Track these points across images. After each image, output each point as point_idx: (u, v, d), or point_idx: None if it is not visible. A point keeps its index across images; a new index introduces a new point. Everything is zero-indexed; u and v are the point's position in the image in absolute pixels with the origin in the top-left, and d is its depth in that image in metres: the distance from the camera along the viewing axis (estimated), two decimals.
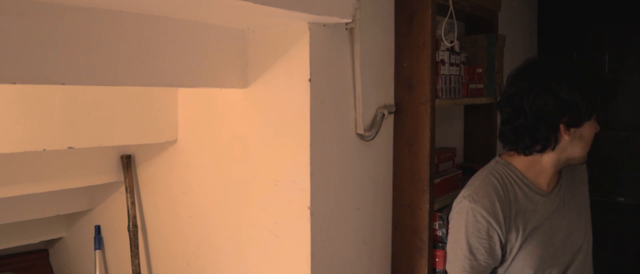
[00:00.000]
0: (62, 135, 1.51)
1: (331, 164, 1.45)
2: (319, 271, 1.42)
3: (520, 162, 1.38)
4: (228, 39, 1.46)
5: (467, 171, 2.07)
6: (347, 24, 1.45)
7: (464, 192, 1.36)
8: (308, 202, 1.37)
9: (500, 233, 1.30)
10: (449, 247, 1.38)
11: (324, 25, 1.39)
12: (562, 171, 1.43)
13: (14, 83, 1.08)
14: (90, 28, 1.15)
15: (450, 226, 1.40)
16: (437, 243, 1.72)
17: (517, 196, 1.34)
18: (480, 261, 1.31)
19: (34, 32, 1.06)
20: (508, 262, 1.34)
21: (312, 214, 1.38)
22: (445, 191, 1.80)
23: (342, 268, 1.52)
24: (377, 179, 1.66)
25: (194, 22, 1.36)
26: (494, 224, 1.30)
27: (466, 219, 1.32)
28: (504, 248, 1.32)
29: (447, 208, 1.78)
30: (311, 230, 1.38)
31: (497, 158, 1.43)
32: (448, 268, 1.38)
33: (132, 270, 1.87)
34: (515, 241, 1.31)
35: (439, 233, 1.72)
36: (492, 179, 1.35)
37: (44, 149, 1.48)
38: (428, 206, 1.64)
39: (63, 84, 1.15)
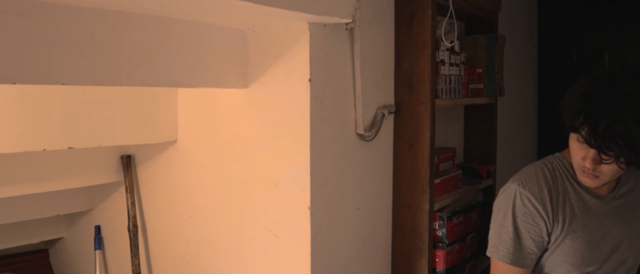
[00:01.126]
0: (62, 135, 1.51)
1: (331, 164, 1.45)
2: (319, 271, 1.42)
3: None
4: (228, 39, 1.46)
5: (467, 171, 2.07)
6: (347, 24, 1.45)
7: (512, 178, 1.36)
8: (308, 202, 1.37)
9: (547, 221, 1.29)
10: (492, 232, 1.36)
11: (324, 25, 1.39)
12: (622, 181, 1.39)
13: (14, 83, 1.08)
14: (90, 28, 1.15)
15: (495, 210, 1.38)
16: (437, 243, 1.72)
17: (567, 189, 1.33)
18: (526, 247, 1.30)
19: (34, 32, 1.06)
20: (549, 251, 1.33)
21: (312, 214, 1.38)
22: (445, 191, 1.80)
23: (342, 268, 1.52)
24: (377, 179, 1.66)
25: (194, 22, 1.36)
26: (541, 211, 1.29)
27: (514, 203, 1.31)
28: (549, 236, 1.32)
29: (447, 207, 1.78)
30: (311, 230, 1.38)
31: (556, 153, 1.42)
32: (490, 253, 1.36)
33: (132, 270, 1.87)
34: (560, 232, 1.30)
35: (439, 233, 1.72)
36: (543, 167, 1.36)
37: (44, 149, 1.48)
38: (428, 206, 1.63)
39: (63, 84, 1.15)
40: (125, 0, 1.12)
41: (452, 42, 1.77)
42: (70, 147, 1.53)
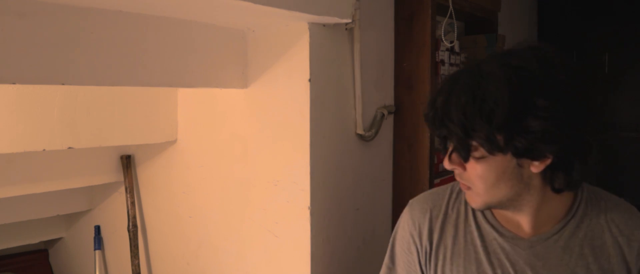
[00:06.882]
0: (62, 135, 1.51)
1: (331, 164, 1.45)
2: (318, 271, 1.42)
3: None
4: (228, 39, 1.46)
5: None
6: (346, 24, 1.45)
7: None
8: (308, 203, 1.37)
9: (420, 253, 1.04)
10: None
11: (324, 26, 1.39)
12: (572, 217, 0.95)
13: (14, 83, 1.08)
14: (90, 28, 1.15)
15: None
16: None
17: (469, 221, 1.01)
18: None
19: (34, 32, 1.06)
20: None
21: (311, 214, 1.38)
22: None
23: (342, 268, 1.52)
24: (377, 179, 1.66)
25: (194, 22, 1.36)
26: (416, 239, 1.05)
27: (398, 224, 1.12)
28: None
29: None
30: (311, 230, 1.38)
31: None
32: None
33: (132, 270, 1.87)
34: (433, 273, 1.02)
35: None
36: (450, 189, 1.07)
37: (44, 149, 1.48)
38: None
39: (63, 84, 1.15)
40: (125, 0, 1.12)
41: (452, 42, 1.77)
42: (70, 148, 1.53)
